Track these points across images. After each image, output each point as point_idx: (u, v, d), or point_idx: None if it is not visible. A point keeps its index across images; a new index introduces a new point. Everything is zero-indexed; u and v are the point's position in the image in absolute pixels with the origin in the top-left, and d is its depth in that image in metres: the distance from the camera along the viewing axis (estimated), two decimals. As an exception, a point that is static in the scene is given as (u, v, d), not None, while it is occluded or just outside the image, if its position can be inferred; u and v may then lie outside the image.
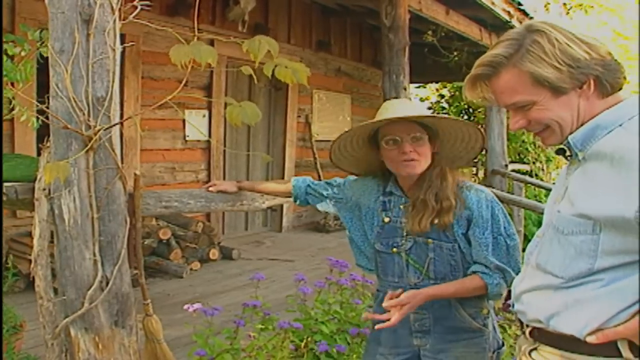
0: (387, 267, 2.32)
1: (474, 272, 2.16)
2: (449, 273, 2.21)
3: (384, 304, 2.09)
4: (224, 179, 7.79)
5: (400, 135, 2.16)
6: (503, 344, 2.33)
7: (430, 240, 2.20)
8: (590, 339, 1.44)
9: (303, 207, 2.78)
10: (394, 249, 2.28)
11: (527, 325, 1.64)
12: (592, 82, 1.48)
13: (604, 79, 1.48)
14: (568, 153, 1.58)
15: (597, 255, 1.44)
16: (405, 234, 2.25)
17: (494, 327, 2.32)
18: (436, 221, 2.17)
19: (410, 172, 2.20)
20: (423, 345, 2.28)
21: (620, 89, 1.52)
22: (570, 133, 1.53)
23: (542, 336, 1.58)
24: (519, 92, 1.52)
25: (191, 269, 6.14)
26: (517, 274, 2.08)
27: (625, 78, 1.51)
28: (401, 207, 2.28)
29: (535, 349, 1.62)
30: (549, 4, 12.46)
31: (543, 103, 1.51)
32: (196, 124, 7.22)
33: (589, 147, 1.49)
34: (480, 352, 2.25)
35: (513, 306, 1.70)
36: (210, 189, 2.90)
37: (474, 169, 10.73)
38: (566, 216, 1.50)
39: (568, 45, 1.46)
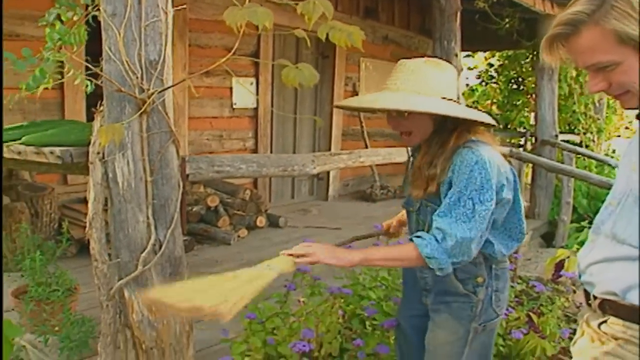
0: (409, 223, 2.40)
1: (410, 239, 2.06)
2: None
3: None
4: (271, 147, 7.79)
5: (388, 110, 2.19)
6: (495, 317, 2.24)
7: (429, 204, 2.17)
8: None
9: (350, 175, 2.72)
10: (411, 208, 2.32)
11: (595, 297, 1.55)
12: None
13: None
14: None
15: None
16: None
17: (490, 299, 2.21)
18: (426, 189, 2.12)
19: (408, 145, 2.29)
20: (428, 303, 2.35)
21: None
22: None
23: (614, 309, 1.49)
24: (601, 52, 1.38)
25: (239, 236, 6.18)
26: (472, 242, 1.97)
27: None
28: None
29: (605, 321, 1.53)
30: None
31: (628, 64, 1.37)
32: (244, 92, 7.21)
33: None
34: (464, 319, 2.20)
35: (580, 277, 1.61)
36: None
37: (522, 139, 10.55)
38: None
39: None
